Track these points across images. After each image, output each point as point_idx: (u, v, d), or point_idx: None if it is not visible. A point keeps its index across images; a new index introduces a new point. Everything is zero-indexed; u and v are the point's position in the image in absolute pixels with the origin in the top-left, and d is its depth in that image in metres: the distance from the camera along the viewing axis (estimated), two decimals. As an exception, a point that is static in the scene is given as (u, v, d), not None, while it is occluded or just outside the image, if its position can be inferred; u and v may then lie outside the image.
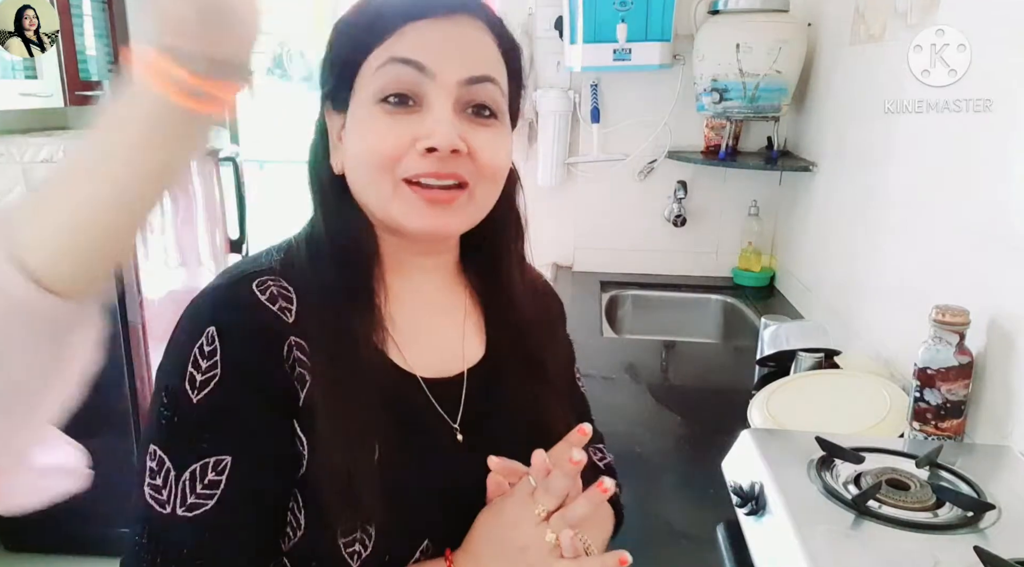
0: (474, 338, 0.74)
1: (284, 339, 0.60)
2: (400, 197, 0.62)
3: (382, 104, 0.61)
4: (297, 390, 0.60)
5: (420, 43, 0.61)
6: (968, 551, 0.76)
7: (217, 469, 0.56)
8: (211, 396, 0.57)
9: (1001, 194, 1.10)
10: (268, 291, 0.62)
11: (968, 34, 1.16)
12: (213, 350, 0.57)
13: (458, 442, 0.68)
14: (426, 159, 0.61)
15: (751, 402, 1.37)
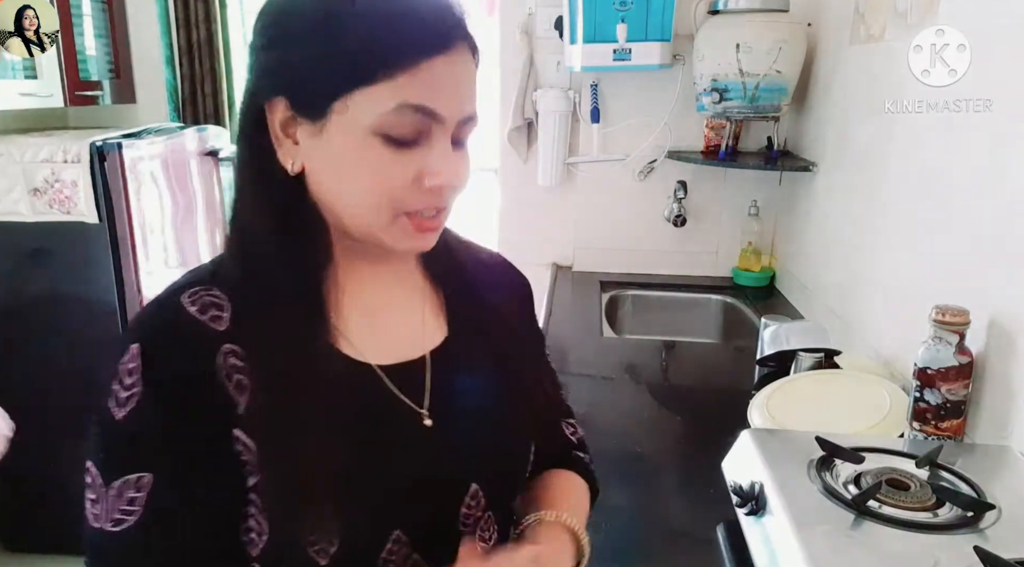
0: (434, 320, 0.73)
1: (215, 348, 0.59)
2: (396, 227, 0.62)
3: (384, 139, 0.59)
4: (234, 399, 0.59)
5: (433, 87, 0.58)
6: (968, 551, 0.76)
7: (137, 486, 0.57)
8: (131, 414, 0.57)
9: (1001, 194, 1.10)
10: (200, 302, 0.61)
11: (968, 34, 1.16)
12: (135, 368, 0.57)
13: (426, 427, 0.67)
14: (428, 194, 0.61)
15: (751, 402, 1.37)
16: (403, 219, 0.62)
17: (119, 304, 2.19)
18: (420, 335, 0.71)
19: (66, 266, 2.18)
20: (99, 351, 2.29)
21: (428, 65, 0.58)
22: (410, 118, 0.58)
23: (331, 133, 0.60)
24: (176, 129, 2.50)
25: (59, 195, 2.09)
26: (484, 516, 0.70)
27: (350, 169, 0.60)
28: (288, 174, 0.62)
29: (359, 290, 0.68)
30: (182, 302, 0.60)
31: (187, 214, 2.46)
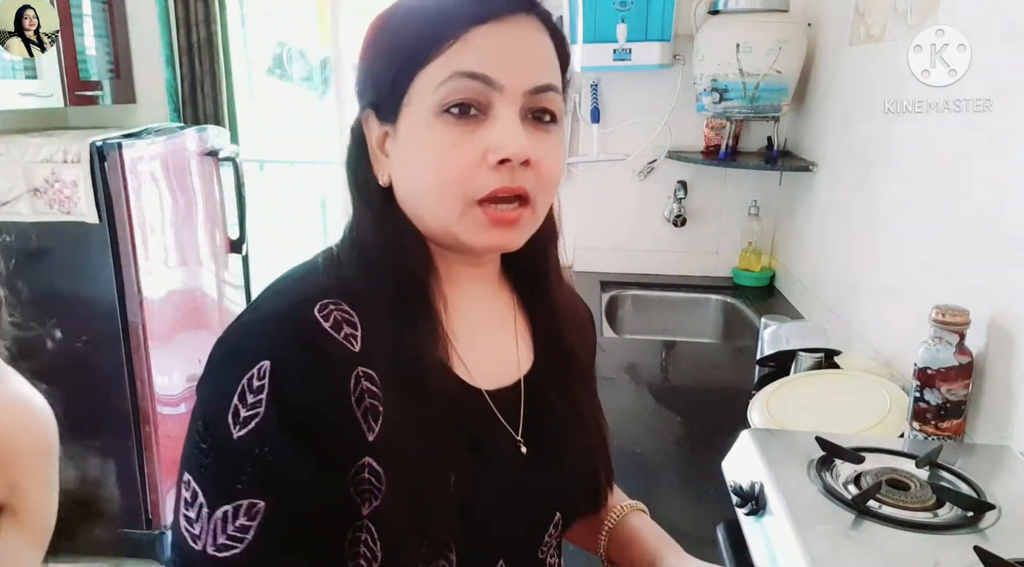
0: (524, 343, 0.72)
1: (350, 371, 0.56)
2: (469, 218, 0.59)
3: (444, 116, 0.57)
4: (365, 425, 0.56)
5: (485, 53, 0.57)
6: (968, 551, 0.76)
7: (250, 513, 0.53)
8: (252, 435, 0.53)
9: (1001, 194, 1.10)
10: (332, 317, 0.57)
11: (968, 34, 1.16)
12: (262, 386, 0.53)
13: (522, 455, 0.66)
14: (497, 172, 0.57)
15: (751, 402, 1.37)
16: (475, 209, 0.58)
17: (119, 304, 2.19)
18: (515, 357, 0.70)
19: (66, 266, 2.18)
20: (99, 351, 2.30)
21: (477, 32, 0.56)
22: (464, 85, 0.56)
23: (403, 130, 0.59)
24: (176, 129, 2.49)
25: (59, 195, 2.09)
26: (555, 543, 0.70)
27: (417, 159, 0.59)
28: (381, 187, 0.62)
29: (463, 304, 0.66)
30: (317, 317, 0.57)
31: (187, 214, 2.46)
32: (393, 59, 0.59)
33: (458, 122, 0.57)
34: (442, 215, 0.59)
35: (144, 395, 2.27)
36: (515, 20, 0.58)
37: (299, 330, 0.56)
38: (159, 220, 2.29)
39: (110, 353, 2.22)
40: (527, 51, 0.59)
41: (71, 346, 2.23)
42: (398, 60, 0.59)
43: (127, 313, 2.20)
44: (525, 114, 0.59)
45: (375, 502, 0.57)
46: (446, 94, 0.57)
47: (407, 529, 0.57)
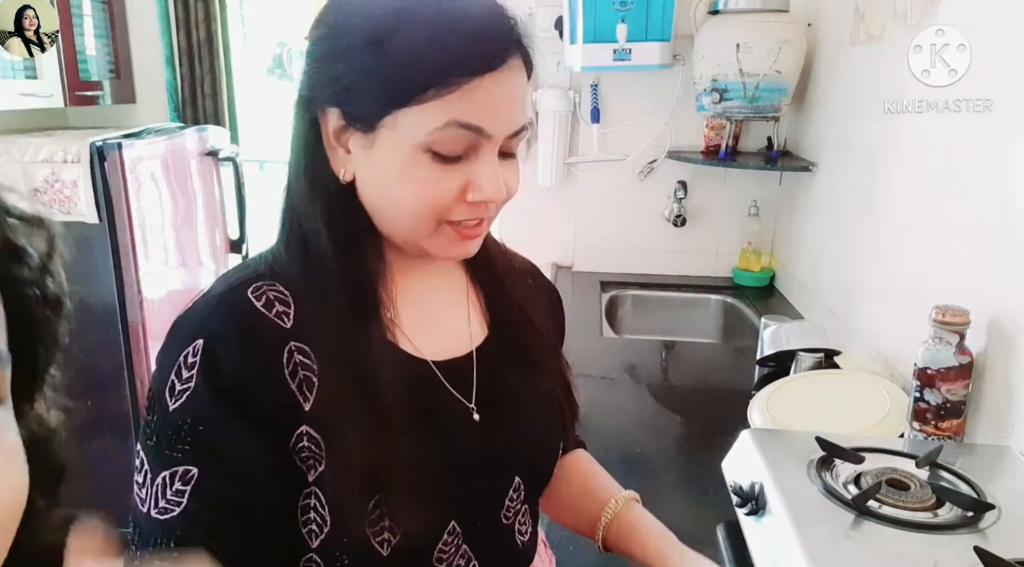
0: (477, 318, 0.75)
1: (283, 346, 0.60)
2: (439, 235, 0.63)
3: (430, 154, 0.59)
4: (300, 396, 0.60)
5: (483, 106, 0.58)
6: (968, 551, 0.76)
7: (184, 479, 0.58)
8: (185, 407, 0.57)
9: (1001, 194, 1.10)
10: (264, 297, 0.61)
11: (968, 34, 1.16)
12: (195, 363, 0.57)
13: (474, 421, 0.69)
14: (472, 206, 0.62)
15: (751, 402, 1.37)
16: (446, 228, 0.63)
17: (119, 304, 2.19)
18: (467, 331, 0.73)
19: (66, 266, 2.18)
20: (99, 351, 2.30)
21: (479, 83, 0.57)
22: (458, 135, 0.59)
23: (380, 147, 0.61)
24: (176, 129, 2.49)
25: (59, 195, 2.09)
26: (522, 509, 0.74)
27: (397, 183, 0.61)
28: (339, 180, 0.64)
29: (411, 287, 0.69)
30: (249, 296, 0.61)
31: (187, 214, 2.46)
32: (385, 81, 0.58)
33: (444, 162, 0.60)
34: (413, 234, 0.63)
35: (144, 395, 2.27)
36: (509, 67, 0.59)
37: (232, 309, 0.60)
38: (159, 220, 2.29)
39: (110, 353, 2.22)
40: (514, 99, 0.61)
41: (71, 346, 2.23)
42: (392, 84, 0.58)
43: (127, 313, 2.20)
44: (502, 151, 0.63)
45: (319, 468, 0.60)
46: (440, 139, 0.59)
47: (351, 493, 0.60)
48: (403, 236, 0.64)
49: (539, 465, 0.77)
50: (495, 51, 0.58)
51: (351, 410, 0.60)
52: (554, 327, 0.84)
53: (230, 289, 0.62)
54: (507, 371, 0.73)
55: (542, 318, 0.80)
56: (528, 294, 0.79)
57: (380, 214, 0.64)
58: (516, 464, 0.73)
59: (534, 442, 0.75)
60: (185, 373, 0.58)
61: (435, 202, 0.61)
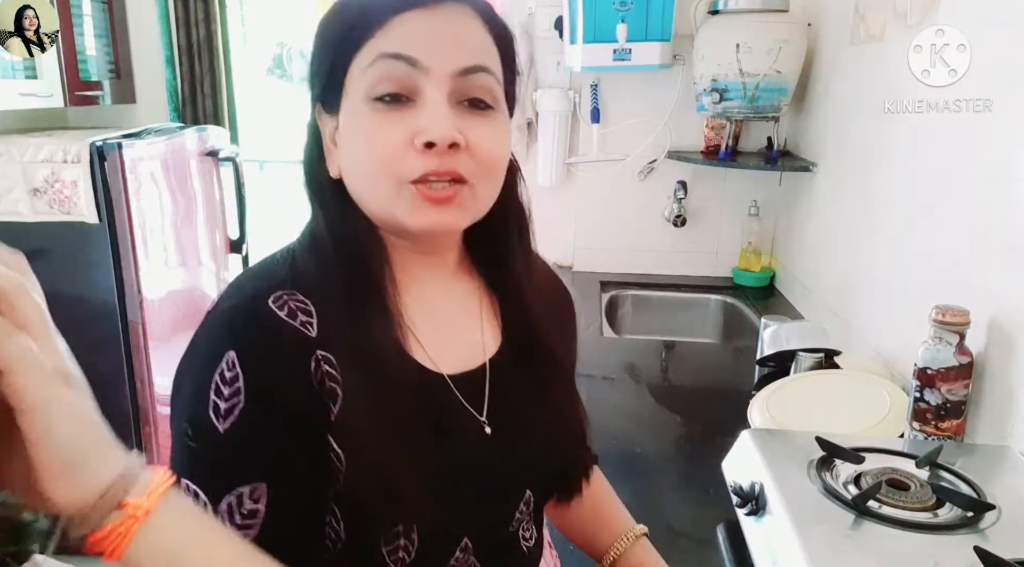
0: (490, 328, 0.73)
1: (309, 354, 0.58)
2: (402, 198, 0.59)
3: (374, 103, 0.59)
4: (328, 405, 0.58)
5: (409, 36, 0.58)
6: (968, 551, 0.76)
7: (254, 497, 0.55)
8: (238, 424, 0.55)
9: (1001, 194, 1.10)
10: (286, 306, 0.59)
11: (968, 34, 1.16)
12: (235, 376, 0.55)
13: (486, 435, 0.67)
14: (425, 156, 0.58)
15: (751, 402, 1.37)
16: (408, 189, 0.59)
17: (119, 304, 2.19)
18: (480, 343, 0.71)
19: (66, 266, 2.18)
20: (99, 351, 2.30)
21: (402, 17, 0.58)
22: (389, 68, 0.58)
23: (342, 119, 0.61)
24: (176, 129, 2.50)
25: (59, 195, 2.09)
26: (529, 516, 0.72)
27: (352, 145, 0.61)
28: (332, 179, 0.64)
29: (421, 293, 0.67)
30: (271, 307, 0.59)
31: (187, 214, 2.46)
32: (328, 50, 0.61)
33: (388, 108, 0.59)
34: (379, 197, 0.61)
35: (144, 395, 2.27)
36: (442, 8, 0.59)
37: (256, 319, 0.58)
38: (159, 220, 2.29)
39: (110, 353, 2.22)
40: (453, 34, 0.60)
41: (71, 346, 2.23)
42: (332, 51, 0.61)
43: (127, 313, 2.20)
44: (458, 99, 0.60)
45: (338, 484, 0.59)
46: (374, 78, 0.58)
47: (367, 508, 0.59)
48: (374, 206, 0.62)
49: (548, 477, 0.75)
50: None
51: (370, 426, 0.58)
52: (566, 333, 0.82)
53: (249, 300, 0.59)
54: (519, 383, 0.71)
55: (556, 326, 0.78)
56: (544, 301, 0.76)
57: (356, 193, 0.63)
58: (526, 477, 0.71)
59: (544, 454, 0.73)
60: (226, 389, 0.55)
61: (382, 153, 0.58)
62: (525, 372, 0.72)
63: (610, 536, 0.83)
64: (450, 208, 0.60)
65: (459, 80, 0.59)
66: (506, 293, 0.73)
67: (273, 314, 0.58)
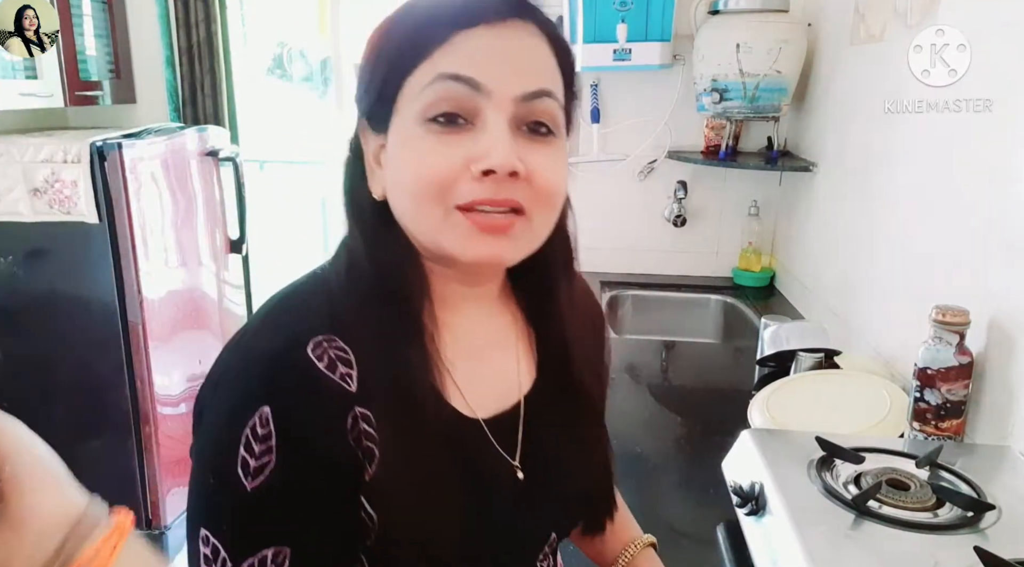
0: (526, 362, 0.70)
1: (347, 411, 0.55)
2: (452, 225, 0.55)
3: (429, 124, 0.55)
4: (363, 464, 0.55)
5: (472, 56, 0.54)
6: (968, 551, 0.76)
7: (277, 561, 0.52)
8: (267, 483, 0.52)
9: (1001, 194, 1.10)
10: (326, 356, 0.55)
11: (968, 34, 1.16)
12: (267, 433, 0.51)
13: (519, 481, 0.65)
14: (481, 183, 0.54)
15: (751, 402, 1.37)
16: (457, 215, 0.55)
17: (119, 304, 2.19)
18: (515, 379, 0.68)
19: (66, 266, 2.18)
20: (99, 351, 2.30)
21: (464, 35, 0.54)
22: (449, 90, 0.54)
23: (391, 138, 0.58)
24: (176, 129, 2.50)
25: (59, 195, 2.09)
26: (551, 556, 0.71)
27: (400, 166, 0.57)
28: (375, 202, 0.60)
29: (460, 328, 0.64)
30: (311, 357, 0.54)
31: (187, 214, 2.46)
32: (381, 66, 0.58)
33: (443, 130, 0.55)
34: (425, 223, 0.57)
35: (144, 395, 2.27)
36: (507, 25, 0.55)
37: (295, 372, 0.54)
38: (159, 220, 2.29)
39: (110, 353, 2.22)
40: (518, 55, 0.56)
41: (71, 346, 2.23)
42: (386, 66, 0.57)
43: (127, 313, 2.20)
44: (519, 125, 0.56)
45: (368, 540, 0.57)
46: (431, 99, 0.54)
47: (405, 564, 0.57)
48: (420, 233, 0.58)
49: (575, 520, 0.74)
50: (485, 5, 0.55)
51: (407, 485, 0.56)
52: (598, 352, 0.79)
53: (288, 348, 0.55)
54: (552, 419, 0.68)
55: (592, 356, 0.75)
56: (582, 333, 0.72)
57: (400, 217, 0.59)
58: (554, 522, 0.70)
59: (573, 499, 0.71)
60: (258, 446, 0.51)
61: (433, 175, 0.54)
62: (559, 408, 0.69)
63: (618, 545, 0.81)
64: (504, 239, 0.56)
65: (522, 105, 0.55)
66: (546, 327, 0.70)
67: (312, 366, 0.54)
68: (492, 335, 0.68)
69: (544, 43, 0.58)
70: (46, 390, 2.24)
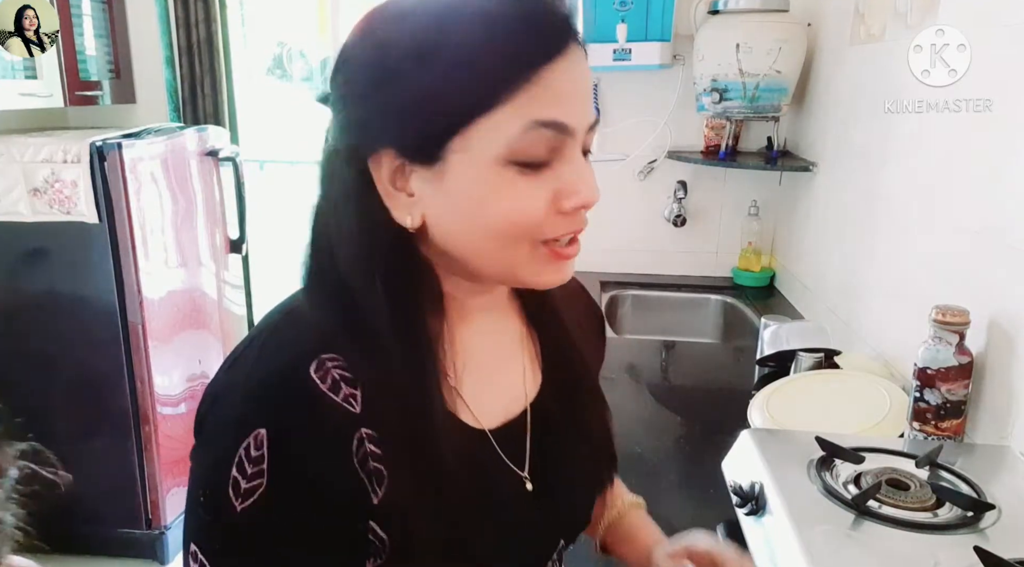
0: (532, 368, 0.69)
1: (352, 434, 0.53)
2: (535, 258, 0.55)
3: (513, 165, 0.52)
4: (369, 489, 0.54)
5: (559, 97, 0.52)
6: (968, 551, 0.76)
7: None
8: (255, 507, 0.51)
9: (1001, 194, 1.10)
10: (329, 377, 0.53)
11: (968, 34, 1.16)
12: (260, 456, 0.51)
13: (527, 492, 0.64)
14: (568, 217, 0.54)
15: (751, 402, 1.37)
16: (542, 249, 0.55)
17: (119, 304, 2.19)
18: (522, 388, 0.67)
19: (66, 266, 2.18)
20: (99, 351, 2.30)
21: (548, 72, 0.51)
22: (541, 137, 0.52)
23: (454, 175, 0.53)
24: (176, 129, 2.50)
25: (59, 195, 2.09)
26: (557, 562, 0.71)
27: (480, 207, 0.53)
28: (402, 230, 0.56)
29: (470, 337, 0.63)
30: (314, 378, 0.53)
31: (187, 214, 2.46)
32: (444, 99, 0.51)
33: (527, 170, 0.53)
34: (506, 260, 0.56)
35: (144, 395, 2.27)
36: (572, 52, 0.53)
37: (296, 394, 0.53)
38: (159, 220, 2.29)
39: (110, 353, 2.22)
40: (586, 87, 0.55)
41: (71, 346, 2.23)
42: (453, 100, 0.51)
43: (127, 313, 2.20)
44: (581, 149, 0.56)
45: (379, 560, 0.56)
46: (522, 145, 0.51)
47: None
48: (495, 268, 0.57)
49: (582, 525, 0.73)
50: (556, 34, 0.52)
51: (418, 505, 0.55)
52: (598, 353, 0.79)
53: (290, 369, 0.53)
54: (560, 426, 0.68)
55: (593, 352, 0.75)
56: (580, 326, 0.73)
57: (462, 251, 0.56)
58: (562, 530, 0.69)
59: (581, 505, 0.72)
60: (250, 468, 0.51)
61: (529, 219, 0.53)
62: (566, 412, 0.68)
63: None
64: (571, 262, 0.58)
65: (587, 135, 0.56)
66: (547, 328, 0.70)
67: (314, 388, 0.53)
68: (499, 344, 0.67)
69: (587, 64, 0.56)
70: (46, 390, 2.24)
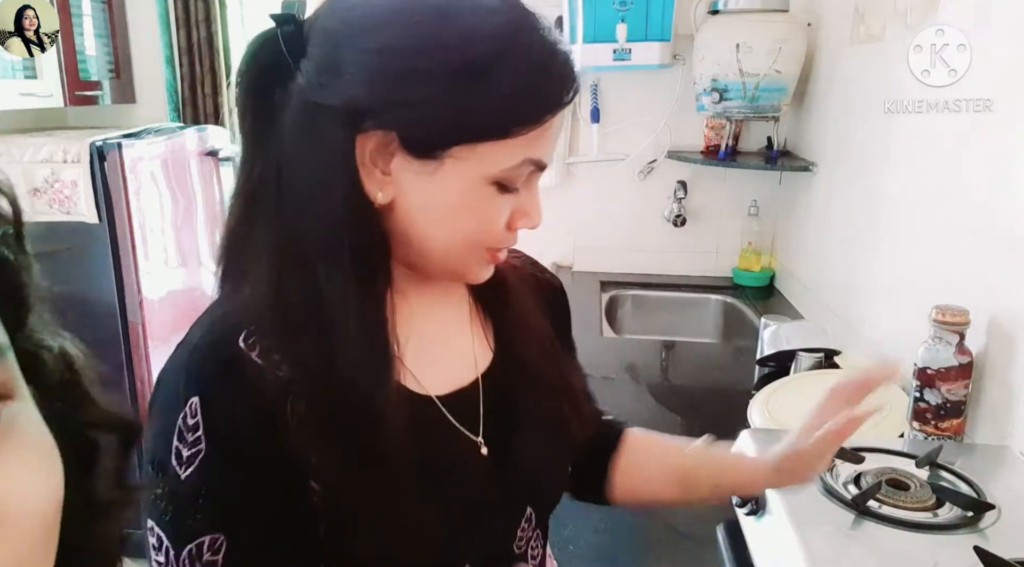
0: (482, 339, 0.71)
1: (284, 398, 0.55)
2: (479, 262, 0.63)
3: (495, 186, 0.58)
4: (306, 449, 0.55)
5: (549, 140, 0.59)
6: (968, 551, 0.76)
7: (213, 548, 0.54)
8: (199, 472, 0.53)
9: (1001, 194, 1.10)
10: (259, 345, 0.56)
11: (968, 34, 1.16)
12: (196, 424, 0.53)
13: (483, 457, 0.65)
14: (513, 233, 0.62)
15: (751, 402, 1.37)
16: (484, 254, 0.62)
17: (119, 304, 2.19)
18: (471, 357, 0.69)
19: (66, 266, 2.18)
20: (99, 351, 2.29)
21: (553, 118, 0.58)
22: (527, 170, 0.59)
23: (444, 176, 0.56)
24: (176, 129, 2.50)
25: (59, 195, 2.09)
26: (534, 535, 0.70)
27: (457, 213, 0.59)
28: (369, 203, 0.57)
29: (412, 313, 0.64)
30: (240, 346, 0.56)
31: (187, 214, 2.46)
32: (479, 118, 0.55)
33: (501, 192, 0.59)
34: (460, 260, 0.62)
35: (144, 395, 2.27)
36: None
37: (224, 362, 0.55)
38: (159, 220, 2.29)
39: (110, 353, 2.22)
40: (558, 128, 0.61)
41: (71, 346, 2.23)
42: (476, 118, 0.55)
43: (127, 313, 2.20)
44: None
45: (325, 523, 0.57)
46: (511, 174, 0.58)
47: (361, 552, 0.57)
48: (442, 264, 0.62)
49: (549, 491, 0.73)
50: (571, 85, 0.58)
51: (360, 465, 0.56)
52: (559, 325, 0.78)
53: (218, 340, 0.56)
54: (515, 392, 0.69)
55: (546, 321, 0.75)
56: (531, 296, 0.75)
57: (418, 241, 0.60)
58: (527, 495, 0.69)
59: (544, 469, 0.71)
60: (189, 436, 0.53)
61: (492, 233, 0.60)
62: (520, 378, 0.69)
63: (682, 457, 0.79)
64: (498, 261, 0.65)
65: None
66: (493, 296, 0.71)
67: (243, 356, 0.55)
68: (445, 315, 0.70)
69: None
70: (46, 390, 2.24)
